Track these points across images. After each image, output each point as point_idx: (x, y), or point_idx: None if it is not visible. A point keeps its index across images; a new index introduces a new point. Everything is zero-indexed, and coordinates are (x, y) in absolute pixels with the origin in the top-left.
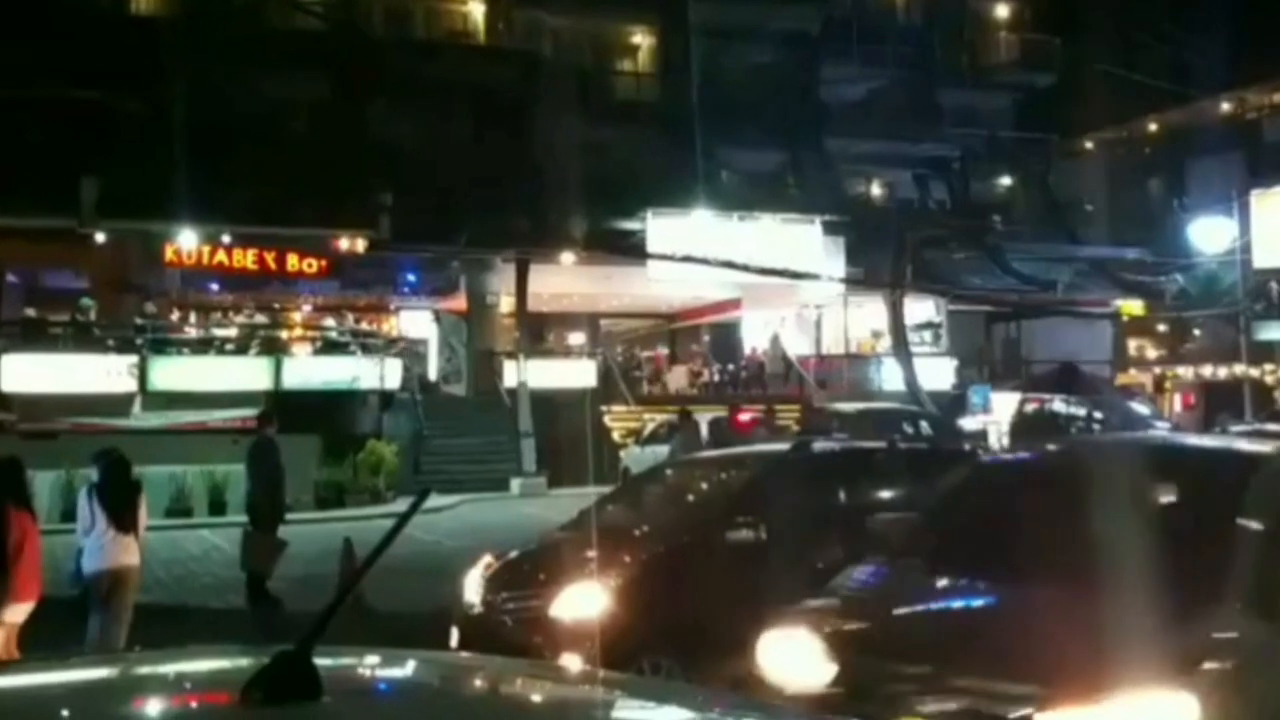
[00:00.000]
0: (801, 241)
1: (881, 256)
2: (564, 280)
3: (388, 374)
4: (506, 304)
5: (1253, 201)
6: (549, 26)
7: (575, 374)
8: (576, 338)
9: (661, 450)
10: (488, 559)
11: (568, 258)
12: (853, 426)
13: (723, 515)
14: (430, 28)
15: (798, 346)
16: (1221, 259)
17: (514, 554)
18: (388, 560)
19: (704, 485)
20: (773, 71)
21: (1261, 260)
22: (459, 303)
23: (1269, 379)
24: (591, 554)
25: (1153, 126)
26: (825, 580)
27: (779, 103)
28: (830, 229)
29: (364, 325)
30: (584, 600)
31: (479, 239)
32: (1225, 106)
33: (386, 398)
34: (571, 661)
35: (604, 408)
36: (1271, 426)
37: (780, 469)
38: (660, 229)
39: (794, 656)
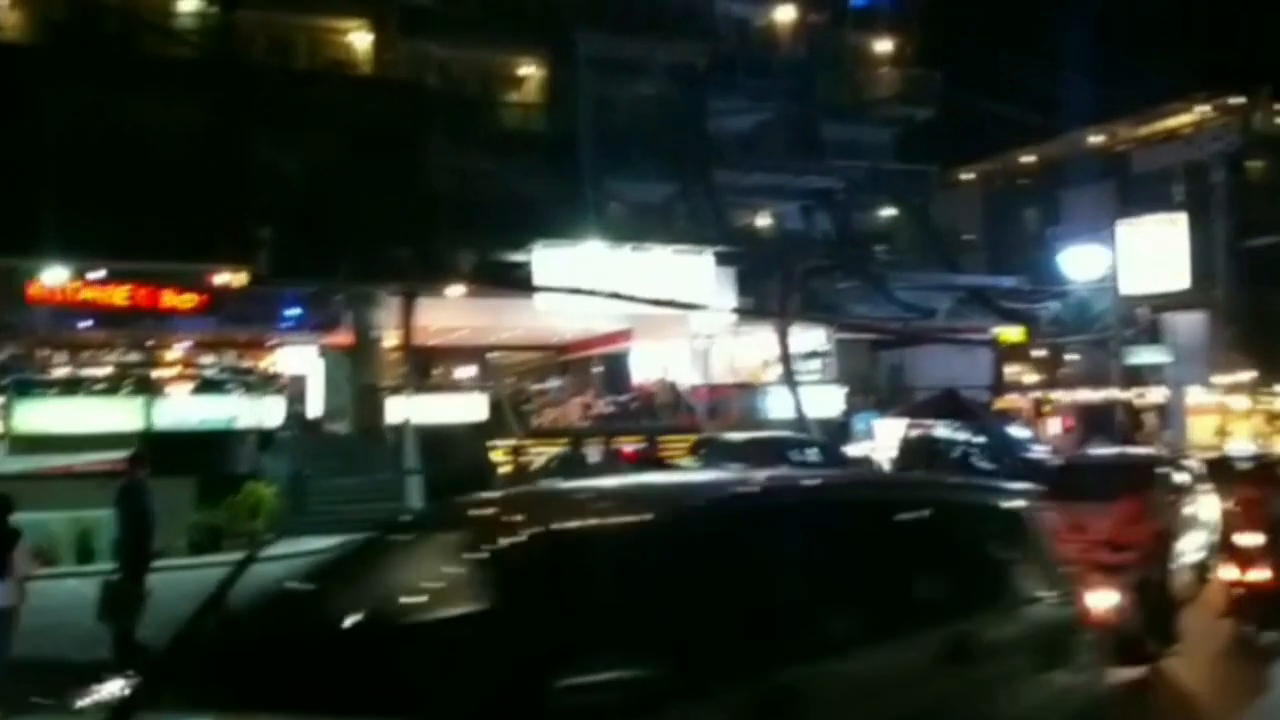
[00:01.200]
0: (693, 272)
1: (770, 286)
2: (452, 313)
3: (267, 412)
4: (392, 338)
5: (1119, 231)
6: (435, 57)
7: (464, 408)
8: (465, 371)
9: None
10: None
11: (455, 290)
12: (743, 456)
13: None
14: (313, 57)
15: (688, 377)
16: (1093, 286)
17: None
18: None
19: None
20: (661, 104)
21: (1128, 287)
22: (343, 338)
23: (1139, 402)
24: None
25: (1028, 158)
26: None
27: (668, 135)
28: (721, 260)
29: (243, 362)
30: None
31: (363, 272)
32: (1096, 139)
33: (266, 437)
34: None
35: (494, 442)
36: (1131, 449)
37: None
38: (549, 260)
39: None
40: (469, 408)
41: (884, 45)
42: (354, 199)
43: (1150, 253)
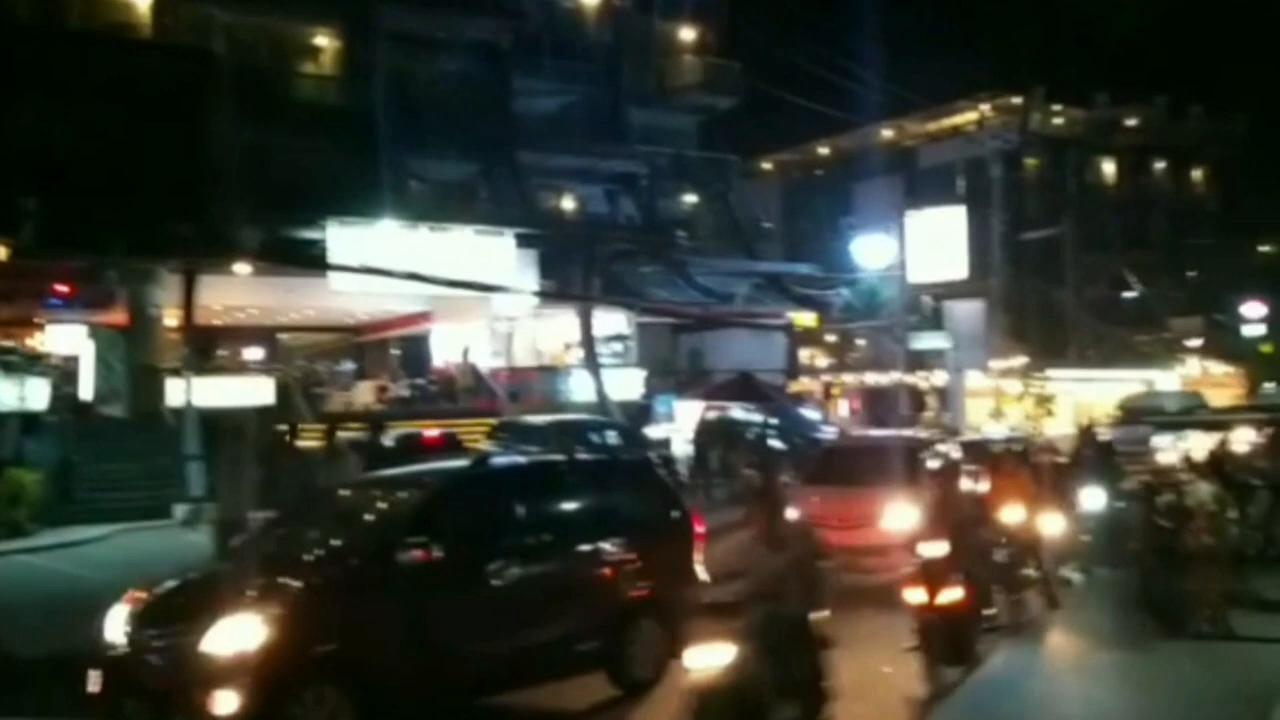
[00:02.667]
0: (494, 254)
1: (573, 269)
2: (239, 292)
3: (30, 395)
4: (173, 317)
5: (906, 222)
6: (221, 22)
7: (250, 391)
8: (253, 353)
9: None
10: (134, 593)
11: (242, 268)
12: (543, 439)
13: (395, 537)
14: (87, 17)
15: (489, 359)
16: (882, 274)
17: (166, 586)
18: (25, 599)
19: (378, 506)
20: (464, 82)
21: (913, 276)
22: (118, 316)
23: (921, 385)
24: (251, 583)
25: (824, 150)
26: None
27: (471, 113)
28: (523, 241)
29: (4, 342)
30: (239, 633)
31: (141, 247)
32: (887, 134)
33: (30, 420)
34: (222, 701)
35: (283, 426)
36: (908, 432)
37: (458, 486)
38: (344, 239)
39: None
40: (256, 391)
41: (688, 33)
42: (132, 169)
43: (933, 243)
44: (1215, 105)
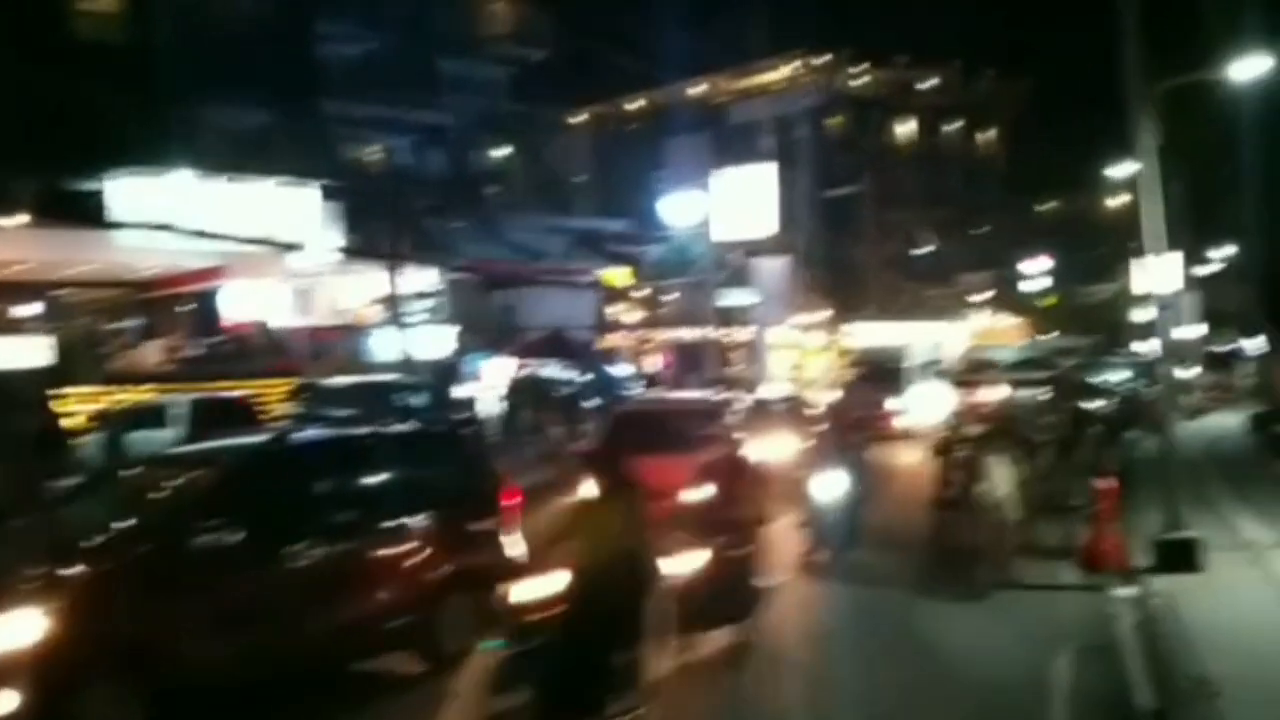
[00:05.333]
0: (297, 207)
1: (380, 224)
2: (10, 246)
3: None
4: None
5: (715, 179)
6: None
7: (24, 352)
8: (28, 310)
9: (156, 436)
10: None
11: (13, 220)
12: (347, 401)
13: (188, 519)
14: None
15: (290, 317)
16: (692, 231)
17: None
18: None
19: (170, 486)
20: (263, 24)
21: (722, 233)
22: None
23: (729, 340)
24: (31, 572)
25: (636, 105)
26: None
27: (271, 57)
28: (328, 194)
29: None
30: (17, 628)
31: None
32: (698, 90)
33: None
34: (1, 700)
35: (62, 390)
36: (686, 395)
37: (255, 464)
38: (131, 190)
39: None
40: (31, 351)
41: None
42: None
43: (741, 200)
44: (1004, 68)
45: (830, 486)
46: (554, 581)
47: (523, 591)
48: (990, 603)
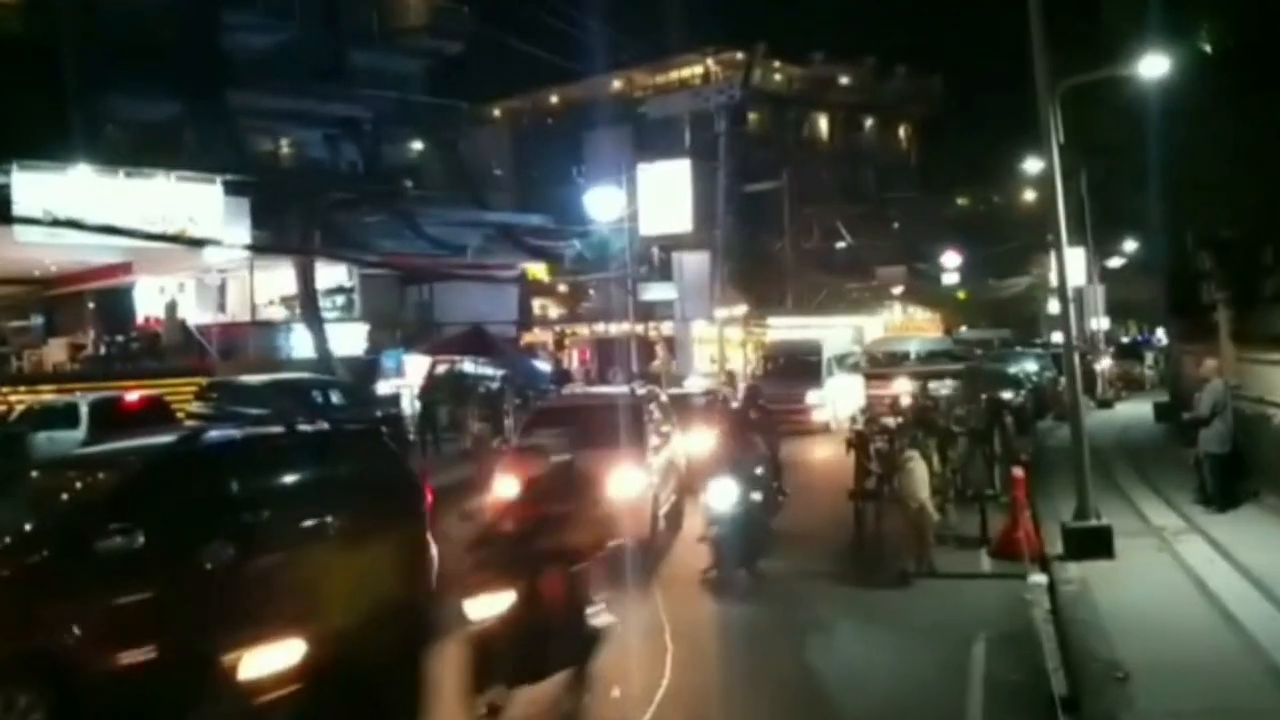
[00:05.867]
0: (200, 202)
1: (291, 218)
2: None
3: None
4: None
5: (639, 174)
6: None
7: None
8: None
9: (61, 438)
10: None
11: None
12: (259, 400)
13: (92, 523)
14: None
15: (200, 314)
16: (613, 226)
17: None
18: None
19: (73, 488)
20: (165, 14)
21: (646, 228)
22: None
23: (653, 335)
24: None
25: (554, 99)
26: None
27: (174, 48)
28: (233, 189)
29: None
30: None
31: None
32: (616, 84)
33: None
34: None
35: None
36: (605, 389)
37: (163, 465)
38: (30, 185)
39: None
40: None
41: None
42: None
43: (661, 196)
44: (917, 65)
45: (727, 494)
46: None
47: (254, 665)
48: (907, 592)
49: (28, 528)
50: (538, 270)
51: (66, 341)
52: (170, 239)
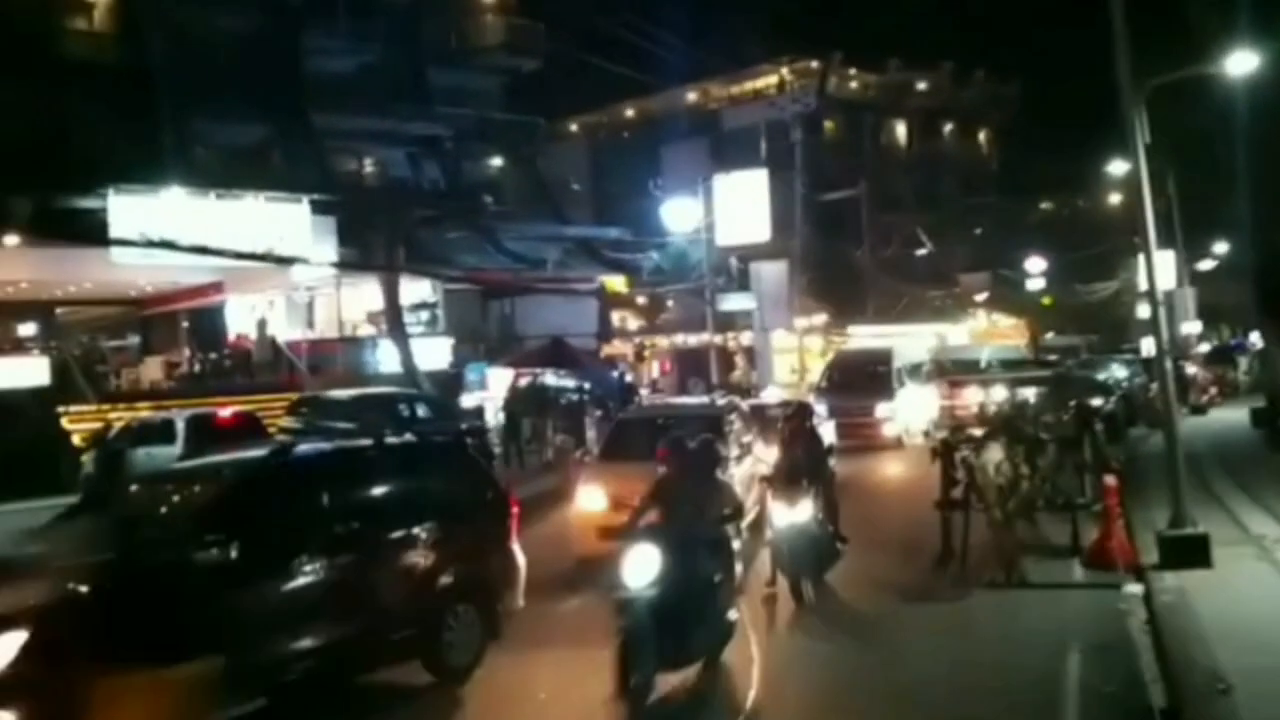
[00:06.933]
0: (289, 222)
1: (375, 236)
2: (8, 265)
3: None
4: None
5: (715, 185)
6: None
7: (24, 371)
8: (26, 329)
9: (159, 453)
10: None
11: (10, 239)
12: (348, 414)
13: (190, 535)
14: None
15: (289, 331)
16: (690, 237)
17: None
18: None
19: (172, 502)
20: (253, 40)
21: (722, 238)
22: None
23: (730, 345)
24: (31, 590)
25: (630, 112)
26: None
27: (262, 74)
28: (320, 208)
29: None
30: (8, 648)
31: None
32: (691, 96)
33: None
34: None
35: (62, 408)
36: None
37: (256, 478)
38: (125, 208)
39: None
40: (29, 370)
41: None
42: None
43: (738, 206)
44: (995, 70)
45: (791, 510)
46: None
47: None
48: (998, 602)
49: (130, 541)
50: (616, 283)
51: (162, 360)
52: (260, 257)
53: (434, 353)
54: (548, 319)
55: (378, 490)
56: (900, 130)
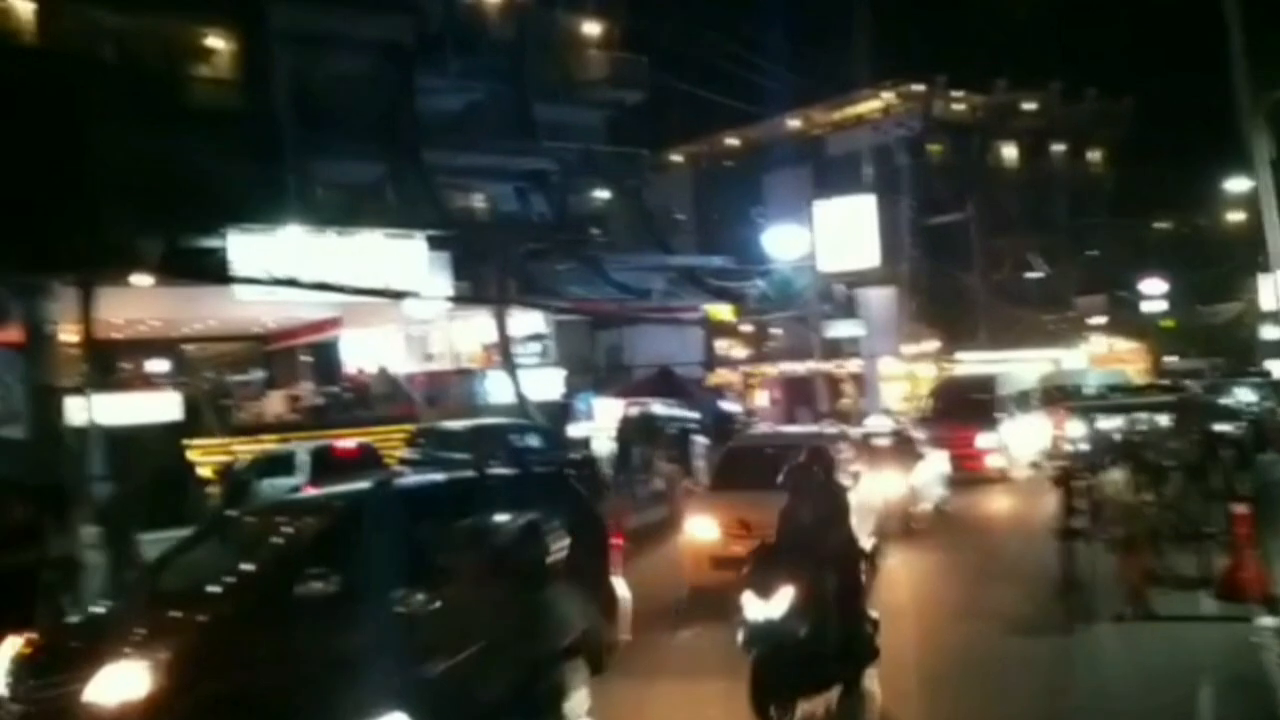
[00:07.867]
0: (405, 257)
1: (486, 270)
2: (138, 304)
3: None
4: (71, 333)
5: (815, 211)
6: (109, 26)
7: (156, 406)
8: (158, 366)
9: (279, 484)
10: (16, 639)
11: (141, 280)
12: (462, 444)
13: (292, 568)
14: None
15: (404, 364)
16: (795, 264)
17: (61, 626)
18: None
19: (279, 533)
20: (367, 81)
21: (825, 265)
22: (13, 334)
23: (837, 372)
24: (141, 622)
25: (732, 141)
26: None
27: (375, 114)
28: (434, 244)
29: None
30: (125, 680)
31: (32, 262)
32: (794, 123)
33: None
34: None
35: (192, 442)
36: (796, 429)
37: (361, 510)
38: (247, 247)
39: None
40: (162, 405)
41: (592, 28)
42: (18, 182)
43: (843, 232)
44: (1106, 88)
45: (763, 603)
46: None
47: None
48: (1124, 635)
49: (235, 573)
50: (721, 311)
51: (284, 393)
52: (378, 292)
53: (545, 383)
54: (655, 349)
55: (483, 519)
56: (1008, 151)
